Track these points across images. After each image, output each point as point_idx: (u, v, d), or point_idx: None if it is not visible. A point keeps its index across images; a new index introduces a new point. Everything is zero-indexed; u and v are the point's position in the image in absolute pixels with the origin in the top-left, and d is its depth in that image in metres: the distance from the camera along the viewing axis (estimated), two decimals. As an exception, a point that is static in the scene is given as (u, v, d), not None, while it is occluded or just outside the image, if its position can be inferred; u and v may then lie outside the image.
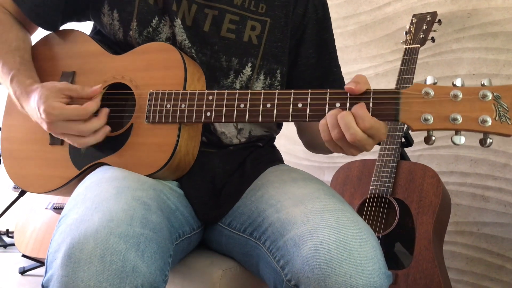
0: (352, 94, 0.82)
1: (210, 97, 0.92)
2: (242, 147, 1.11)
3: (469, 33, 1.87)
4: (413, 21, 1.85)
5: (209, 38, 1.04)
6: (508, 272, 1.76)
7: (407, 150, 1.72)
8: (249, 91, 0.90)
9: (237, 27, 1.05)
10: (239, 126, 1.08)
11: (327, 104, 0.84)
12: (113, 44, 1.08)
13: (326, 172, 2.29)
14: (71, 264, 0.72)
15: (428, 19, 1.81)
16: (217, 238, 1.05)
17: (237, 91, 0.91)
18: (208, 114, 0.92)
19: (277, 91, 0.88)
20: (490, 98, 0.75)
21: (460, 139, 0.77)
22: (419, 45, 1.77)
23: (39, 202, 2.11)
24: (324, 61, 1.13)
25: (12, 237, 2.62)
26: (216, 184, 1.04)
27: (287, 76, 1.12)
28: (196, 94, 0.93)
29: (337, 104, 0.83)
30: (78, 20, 1.16)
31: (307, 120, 0.86)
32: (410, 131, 1.68)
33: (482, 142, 0.77)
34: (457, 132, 0.77)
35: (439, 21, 1.82)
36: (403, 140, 1.67)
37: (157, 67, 0.99)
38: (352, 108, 0.81)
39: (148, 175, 0.95)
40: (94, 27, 1.17)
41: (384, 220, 1.61)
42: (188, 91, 0.94)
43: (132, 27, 1.04)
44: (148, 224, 0.79)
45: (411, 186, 1.58)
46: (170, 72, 0.97)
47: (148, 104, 0.96)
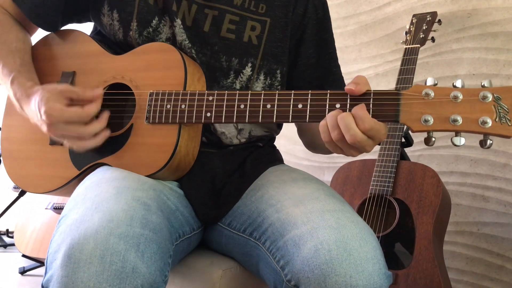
0: (352, 95, 0.82)
1: (210, 98, 0.92)
2: (242, 147, 1.10)
3: (469, 33, 1.86)
4: (413, 21, 1.85)
5: (209, 38, 1.04)
6: (508, 272, 1.76)
7: (407, 150, 1.72)
8: (249, 91, 0.90)
9: (237, 27, 1.05)
10: (239, 127, 1.08)
11: (327, 105, 0.84)
12: (113, 44, 1.08)
13: (326, 172, 2.29)
14: (71, 264, 0.72)
15: (428, 19, 1.81)
16: (217, 238, 1.05)
17: (237, 91, 0.91)
18: (208, 114, 0.92)
19: (277, 91, 0.88)
20: (490, 99, 0.75)
21: (460, 140, 0.77)
22: (419, 45, 1.77)
23: (39, 202, 2.11)
24: (324, 61, 1.13)
25: (12, 237, 2.62)
26: (216, 184, 1.04)
27: (287, 76, 1.12)
28: (196, 95, 0.93)
29: (337, 105, 0.83)
30: (78, 21, 1.15)
31: (307, 121, 0.86)
32: (410, 131, 1.68)
33: (482, 144, 0.77)
34: (457, 133, 0.77)
35: (439, 21, 1.82)
36: (403, 140, 1.67)
37: (157, 67, 0.99)
38: (352, 109, 0.81)
39: (148, 176, 0.95)
40: (95, 28, 1.17)
41: (384, 220, 1.61)
42: (188, 91, 0.94)
43: (132, 27, 1.04)
44: (148, 225, 0.79)
45: (411, 186, 1.58)
46: (170, 72, 0.97)
47: (148, 105, 0.96)
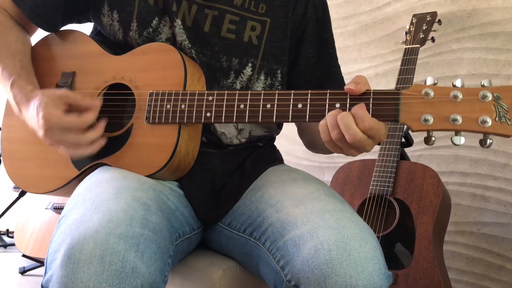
0: (352, 94, 0.82)
1: (210, 98, 0.92)
2: (242, 147, 1.10)
3: (469, 33, 1.86)
4: (413, 21, 1.85)
5: (209, 38, 1.04)
6: (508, 272, 1.76)
7: (407, 150, 1.72)
8: (249, 91, 0.90)
9: (237, 28, 1.05)
10: (239, 127, 1.08)
11: (327, 104, 0.84)
12: (113, 44, 1.08)
13: (326, 172, 2.29)
14: (70, 264, 0.71)
15: (428, 19, 1.81)
16: (217, 238, 1.05)
17: (237, 91, 0.91)
18: (208, 114, 0.92)
19: (277, 91, 0.88)
20: (490, 98, 0.75)
21: (460, 140, 0.77)
22: (419, 45, 1.77)
23: (39, 202, 2.11)
24: (324, 61, 1.13)
25: (12, 237, 2.61)
26: (216, 184, 1.04)
27: (287, 76, 1.12)
28: (196, 95, 0.93)
29: (337, 105, 0.83)
30: (78, 21, 1.15)
31: (307, 120, 0.86)
32: (410, 131, 1.68)
33: (482, 143, 0.77)
34: (457, 132, 0.77)
35: (439, 21, 1.81)
36: (403, 140, 1.67)
37: (157, 68, 0.99)
38: (352, 109, 0.81)
39: (148, 176, 0.95)
40: (94, 28, 1.17)
41: (384, 220, 1.61)
42: (188, 91, 0.94)
43: (132, 28, 1.04)
44: (147, 225, 0.79)
45: (411, 186, 1.58)
46: (170, 72, 0.97)
47: (148, 105, 0.96)
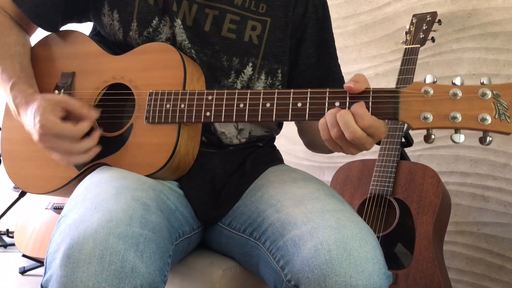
0: (351, 92, 0.82)
1: (209, 97, 0.92)
2: (242, 147, 1.10)
3: (469, 33, 1.86)
4: (413, 21, 1.85)
5: (210, 38, 1.04)
6: (508, 272, 1.76)
7: (407, 150, 1.72)
8: (249, 90, 0.90)
9: (238, 27, 1.05)
10: (239, 127, 1.08)
11: (326, 103, 0.84)
12: (113, 44, 1.08)
13: (326, 172, 2.29)
14: (70, 264, 0.71)
15: (428, 19, 1.81)
16: (217, 238, 1.05)
17: (237, 90, 0.91)
18: (208, 114, 0.92)
19: (276, 90, 0.88)
20: (490, 96, 0.75)
21: (460, 138, 0.77)
22: (419, 45, 1.77)
23: (39, 202, 2.11)
24: (324, 61, 1.13)
25: (12, 237, 2.62)
26: (216, 184, 1.04)
27: (288, 75, 1.12)
28: (196, 94, 0.93)
29: (336, 103, 0.83)
30: (78, 21, 1.15)
31: (306, 119, 0.85)
32: (410, 130, 1.68)
33: (482, 140, 0.77)
34: (456, 130, 0.77)
35: (439, 21, 1.81)
36: (403, 140, 1.67)
37: (157, 67, 0.98)
38: (352, 107, 0.81)
39: (148, 175, 0.95)
40: (94, 28, 1.17)
41: (384, 220, 1.61)
42: (188, 91, 0.94)
43: (132, 28, 1.03)
44: (147, 224, 0.79)
45: (411, 186, 1.58)
46: (169, 72, 0.97)
47: (148, 104, 0.96)
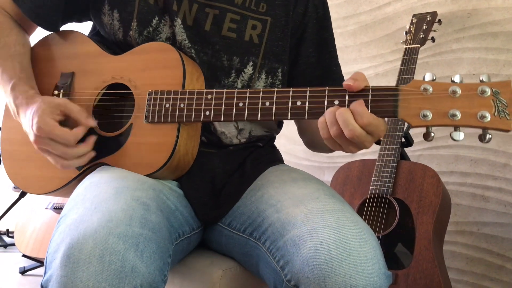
0: (350, 90, 0.82)
1: (209, 96, 0.92)
2: (242, 147, 1.10)
3: (469, 33, 1.86)
4: (413, 21, 1.85)
5: (210, 37, 1.04)
6: (508, 272, 1.75)
7: (407, 150, 1.72)
8: (248, 89, 0.90)
9: (238, 26, 1.05)
10: (239, 126, 1.08)
11: (325, 101, 0.84)
12: (112, 44, 1.08)
13: (326, 172, 2.29)
14: (70, 264, 0.71)
15: (428, 19, 1.81)
16: (217, 238, 1.05)
17: (236, 89, 0.91)
18: (207, 113, 0.92)
19: (275, 89, 0.88)
20: (489, 93, 0.75)
21: (459, 135, 0.77)
22: (419, 45, 1.77)
23: (39, 202, 2.11)
24: (325, 60, 1.13)
25: (12, 237, 2.62)
26: (216, 184, 1.04)
27: (288, 75, 1.12)
28: (195, 94, 0.93)
29: (335, 102, 0.83)
30: (78, 20, 1.15)
31: (305, 117, 0.86)
32: (409, 128, 1.68)
33: (481, 138, 0.77)
34: (456, 128, 0.77)
35: (439, 21, 1.81)
36: (403, 140, 1.67)
37: (156, 67, 0.98)
38: (351, 105, 0.81)
39: (147, 175, 0.95)
40: (93, 28, 1.17)
41: (384, 220, 1.61)
42: (187, 90, 0.94)
43: (132, 27, 1.03)
44: (147, 224, 0.79)
45: (411, 186, 1.58)
46: (168, 71, 0.97)
47: (147, 104, 0.96)
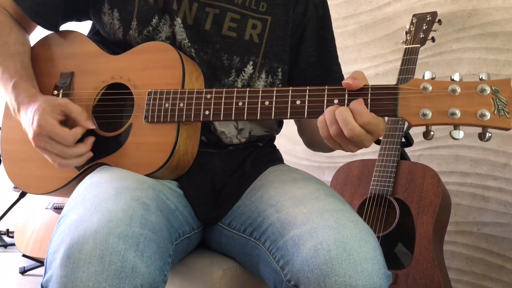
0: (350, 89, 0.82)
1: (208, 96, 0.92)
2: (242, 147, 1.10)
3: (469, 33, 1.86)
4: (413, 21, 1.84)
5: (210, 36, 1.04)
6: (508, 272, 1.75)
7: (407, 150, 1.72)
8: (247, 89, 0.90)
9: (238, 26, 1.05)
10: (239, 126, 1.08)
11: (325, 100, 0.84)
12: (112, 43, 1.08)
13: (326, 172, 2.29)
14: (70, 264, 0.71)
15: (428, 19, 1.81)
16: (217, 238, 1.05)
17: (235, 89, 0.91)
18: (207, 112, 0.92)
19: (275, 88, 0.88)
20: (489, 92, 0.75)
21: (459, 134, 0.77)
22: (419, 45, 1.77)
23: (39, 202, 2.12)
24: (325, 60, 1.13)
25: (12, 237, 2.62)
26: (216, 184, 1.04)
27: (288, 74, 1.12)
28: (195, 93, 0.93)
29: (335, 101, 0.83)
30: (78, 19, 1.15)
31: (305, 116, 0.85)
32: (409, 129, 1.68)
33: (481, 136, 0.76)
34: (456, 126, 0.77)
35: (439, 21, 1.81)
36: (403, 140, 1.67)
37: (155, 67, 0.98)
38: (350, 104, 0.81)
39: (147, 175, 0.95)
40: (92, 28, 1.17)
41: (384, 220, 1.61)
42: (186, 90, 0.94)
43: (132, 27, 1.03)
44: (147, 224, 0.79)
45: (411, 186, 1.58)
46: (168, 71, 0.97)
47: (147, 104, 0.96)
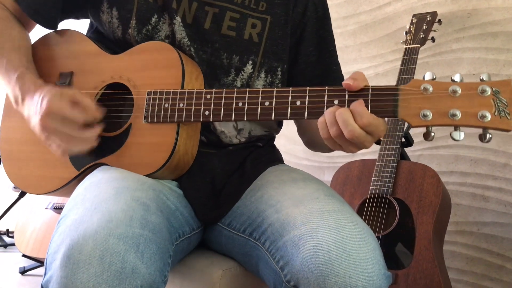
0: (350, 90, 0.82)
1: (208, 96, 0.92)
2: (242, 147, 1.10)
3: (469, 33, 1.86)
4: (413, 21, 1.84)
5: (210, 35, 1.04)
6: (508, 272, 1.75)
7: (407, 150, 1.72)
8: (247, 89, 0.90)
9: (238, 25, 1.05)
10: (238, 127, 1.08)
11: (325, 101, 0.84)
12: (111, 43, 1.08)
13: (326, 172, 2.29)
14: (70, 265, 0.71)
15: (428, 19, 1.80)
16: (217, 238, 1.05)
17: (235, 89, 0.91)
18: (207, 113, 0.92)
19: (275, 89, 0.88)
20: (489, 93, 0.74)
21: (460, 135, 0.77)
22: (419, 45, 1.77)
23: (39, 202, 2.12)
24: (324, 59, 1.13)
25: (12, 237, 2.62)
26: (216, 184, 1.04)
27: (288, 74, 1.12)
28: (194, 93, 0.93)
29: (335, 101, 0.83)
30: (76, 17, 1.15)
31: (305, 117, 0.85)
32: (409, 129, 1.68)
33: (482, 138, 0.76)
34: (456, 127, 0.77)
35: (439, 21, 1.81)
36: (403, 140, 1.67)
37: (155, 67, 0.98)
38: (351, 105, 0.81)
39: (147, 175, 0.95)
40: (91, 26, 1.16)
41: (384, 220, 1.61)
42: (186, 90, 0.94)
43: (131, 25, 1.03)
44: (147, 225, 0.79)
45: (411, 186, 1.58)
46: (167, 71, 0.97)
47: (146, 104, 0.96)
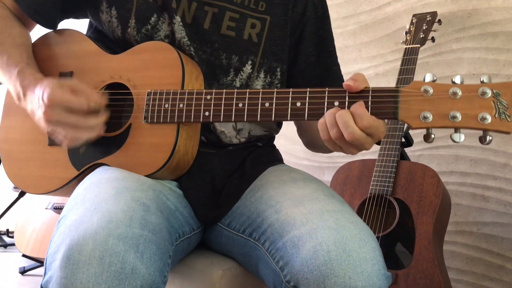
0: (350, 91, 0.82)
1: (208, 97, 0.92)
2: (242, 147, 1.10)
3: (469, 33, 1.86)
4: (413, 21, 1.84)
5: (209, 35, 1.04)
6: (508, 272, 1.75)
7: (407, 150, 1.72)
8: (248, 90, 0.90)
9: (237, 25, 1.05)
10: (238, 127, 1.08)
11: (325, 102, 0.84)
12: (111, 42, 1.08)
13: (326, 172, 2.29)
14: (70, 265, 0.71)
15: (428, 19, 1.80)
16: (217, 239, 1.05)
17: (236, 90, 0.90)
18: (207, 113, 0.92)
19: (275, 90, 0.88)
20: (490, 95, 0.74)
21: (460, 137, 0.77)
22: (419, 45, 1.77)
23: (39, 202, 2.12)
24: (324, 59, 1.13)
25: (12, 237, 2.62)
26: (215, 184, 1.04)
27: (287, 74, 1.12)
28: (194, 94, 0.93)
29: (335, 103, 0.83)
30: (75, 17, 1.15)
31: (305, 119, 0.85)
32: (409, 130, 1.68)
33: (482, 140, 0.76)
34: (456, 129, 0.77)
35: (439, 21, 1.81)
36: (403, 140, 1.67)
37: (155, 67, 0.98)
38: (351, 107, 0.81)
39: (147, 175, 0.95)
40: (90, 26, 1.16)
41: (384, 220, 1.61)
42: (186, 90, 0.94)
43: (130, 25, 1.03)
44: (147, 225, 0.79)
45: (411, 186, 1.58)
46: (167, 71, 0.97)
47: (146, 104, 0.96)
